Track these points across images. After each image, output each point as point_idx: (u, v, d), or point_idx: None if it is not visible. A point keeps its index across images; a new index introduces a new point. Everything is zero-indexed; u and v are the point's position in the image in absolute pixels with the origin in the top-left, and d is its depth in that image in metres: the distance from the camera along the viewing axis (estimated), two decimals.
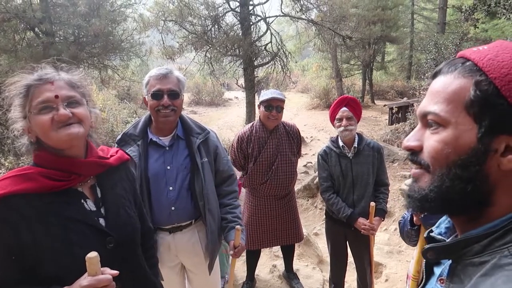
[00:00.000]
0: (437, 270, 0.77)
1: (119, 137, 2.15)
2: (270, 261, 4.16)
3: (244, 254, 3.78)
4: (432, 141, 0.66)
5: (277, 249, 4.20)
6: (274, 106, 3.03)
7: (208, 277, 2.35)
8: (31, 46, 8.28)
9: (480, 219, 0.64)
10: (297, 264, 3.96)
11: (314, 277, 3.85)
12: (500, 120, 0.58)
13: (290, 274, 3.67)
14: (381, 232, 5.08)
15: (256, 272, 3.72)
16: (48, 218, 1.21)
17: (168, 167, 2.11)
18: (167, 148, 2.14)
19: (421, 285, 0.81)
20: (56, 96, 1.21)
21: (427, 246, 0.71)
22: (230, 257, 2.36)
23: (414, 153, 0.71)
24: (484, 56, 0.61)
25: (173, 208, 2.11)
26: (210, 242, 2.21)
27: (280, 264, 3.90)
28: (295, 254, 3.79)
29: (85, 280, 1.10)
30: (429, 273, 0.80)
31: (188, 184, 2.13)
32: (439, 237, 0.78)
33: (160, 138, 2.14)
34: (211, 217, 2.18)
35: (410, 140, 0.72)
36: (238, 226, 2.12)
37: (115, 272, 1.16)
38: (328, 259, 4.17)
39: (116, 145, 2.12)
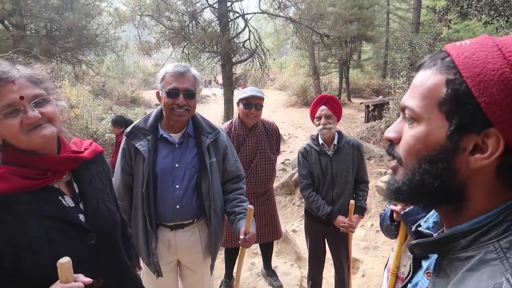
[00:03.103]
0: (425, 264, 0.78)
1: (128, 129, 2.09)
2: (248, 258, 4.16)
3: (222, 252, 3.77)
4: (406, 135, 0.67)
5: (255, 247, 4.20)
6: (253, 104, 3.02)
7: (204, 276, 2.33)
8: (0, 40, 7.98)
9: (461, 214, 0.65)
10: (275, 261, 3.98)
11: (292, 274, 3.87)
12: (469, 120, 0.58)
13: (268, 272, 3.68)
14: (358, 228, 5.15)
15: (235, 270, 3.71)
16: (26, 218, 1.15)
17: (177, 165, 2.08)
18: (177, 146, 2.10)
19: (408, 277, 0.82)
20: (22, 97, 1.12)
21: (413, 241, 0.72)
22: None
23: (392, 145, 0.73)
24: (462, 52, 0.61)
25: (178, 206, 2.07)
26: (213, 242, 2.19)
27: (259, 261, 3.90)
28: (273, 251, 3.80)
29: (56, 286, 1.06)
30: (416, 266, 0.81)
31: (195, 183, 2.10)
32: (427, 231, 0.79)
33: (170, 134, 2.10)
34: (215, 217, 2.16)
35: (390, 131, 0.73)
36: (250, 206, 2.02)
37: (89, 280, 1.12)
38: (306, 256, 4.20)
39: (126, 138, 2.08)
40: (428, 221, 0.82)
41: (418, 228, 0.81)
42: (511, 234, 0.57)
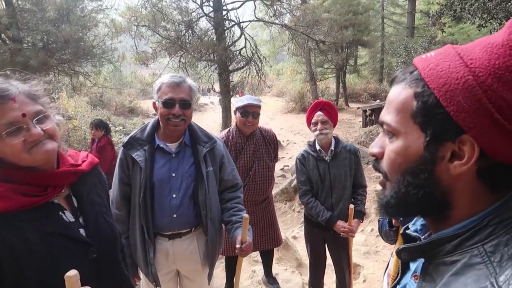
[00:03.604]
0: (412, 266, 0.78)
1: (125, 140, 2.11)
2: (249, 266, 4.15)
3: (223, 260, 3.76)
4: (388, 150, 0.69)
5: (255, 255, 4.19)
6: (250, 112, 3.03)
7: (204, 285, 2.32)
8: None
9: (446, 220, 0.66)
10: (276, 268, 3.96)
11: (293, 280, 3.86)
12: (442, 129, 0.60)
13: (269, 279, 3.67)
14: (358, 233, 5.15)
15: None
16: (28, 236, 1.14)
17: (173, 174, 2.09)
18: (173, 155, 2.12)
19: (397, 279, 0.82)
20: (24, 115, 1.10)
21: (400, 246, 0.73)
22: None
23: (377, 160, 0.74)
24: (427, 65, 0.63)
25: (175, 215, 2.08)
26: (211, 251, 2.19)
27: (259, 269, 3.89)
28: (274, 258, 3.79)
29: None
30: (404, 268, 0.81)
31: (191, 192, 2.11)
32: (414, 234, 0.80)
33: (167, 144, 2.12)
34: (212, 226, 2.16)
35: (374, 147, 0.74)
36: (245, 215, 2.01)
37: None
38: (307, 262, 4.19)
39: (123, 148, 2.10)
40: (416, 223, 0.83)
41: (406, 231, 0.82)
42: (495, 238, 0.57)
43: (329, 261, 3.20)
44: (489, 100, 0.55)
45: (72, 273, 1.04)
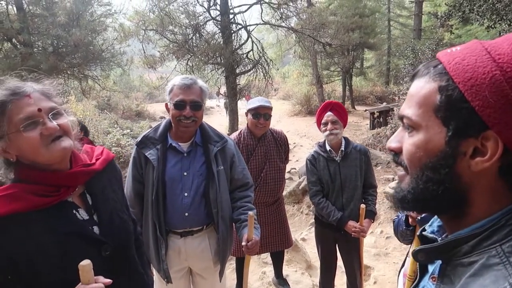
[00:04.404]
0: (431, 268, 0.78)
1: (139, 139, 2.16)
2: (259, 268, 4.15)
3: (233, 262, 3.76)
4: (407, 144, 0.68)
5: (265, 256, 4.20)
6: (262, 114, 3.05)
7: (216, 283, 2.35)
8: (9, 57, 8.13)
9: (462, 219, 0.65)
10: (286, 270, 3.96)
11: (303, 282, 3.85)
12: (465, 124, 0.59)
13: (280, 280, 3.67)
14: (368, 235, 5.14)
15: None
16: (42, 236, 1.16)
17: (185, 173, 2.13)
18: (185, 154, 2.16)
19: (416, 282, 0.82)
20: (39, 110, 1.14)
21: (417, 248, 0.72)
22: None
23: (396, 154, 0.73)
24: (452, 59, 0.62)
25: (186, 214, 2.12)
26: (222, 249, 2.22)
27: (270, 270, 3.89)
28: (284, 260, 3.80)
29: None
30: (423, 271, 0.81)
31: (203, 191, 2.15)
32: (431, 235, 0.78)
33: (179, 143, 2.16)
34: (223, 224, 2.20)
35: (391, 142, 0.74)
36: (250, 212, 2.03)
37: (109, 280, 1.15)
38: (316, 264, 4.19)
39: (136, 147, 2.15)
40: (432, 225, 0.82)
41: (423, 233, 0.81)
42: None
43: (339, 263, 3.20)
44: None
45: (86, 262, 1.08)
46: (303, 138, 14.32)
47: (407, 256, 1.97)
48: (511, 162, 0.59)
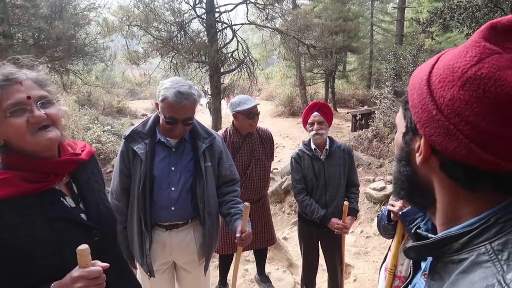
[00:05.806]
0: (423, 265, 0.79)
1: (127, 133, 2.14)
2: (241, 265, 4.16)
3: (215, 259, 3.77)
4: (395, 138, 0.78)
5: (247, 254, 4.22)
6: (255, 113, 3.09)
7: (200, 277, 2.37)
8: None
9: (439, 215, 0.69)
10: (268, 268, 3.99)
11: (285, 279, 3.89)
12: (411, 123, 0.67)
13: (262, 277, 3.69)
14: (348, 234, 5.23)
15: (228, 276, 3.72)
16: (34, 221, 1.18)
17: (173, 168, 2.14)
18: (173, 150, 2.16)
19: (409, 279, 0.84)
20: (29, 97, 1.15)
21: (408, 245, 0.74)
22: None
23: None
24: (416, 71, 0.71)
25: (173, 208, 2.13)
26: (207, 243, 2.23)
27: (252, 268, 3.92)
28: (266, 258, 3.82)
29: (76, 271, 1.10)
30: (416, 268, 0.83)
31: (190, 186, 2.16)
32: (425, 233, 0.80)
33: (167, 139, 2.16)
34: (209, 219, 2.21)
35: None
36: (246, 203, 2.06)
37: (106, 264, 1.17)
38: (297, 262, 4.24)
39: (124, 141, 2.13)
40: (427, 223, 0.84)
41: (417, 230, 0.83)
42: (504, 236, 0.58)
43: (321, 261, 3.25)
44: (431, 96, 0.61)
45: (84, 246, 1.10)
46: (286, 139, 14.40)
47: (388, 251, 2.04)
48: (448, 161, 0.61)
